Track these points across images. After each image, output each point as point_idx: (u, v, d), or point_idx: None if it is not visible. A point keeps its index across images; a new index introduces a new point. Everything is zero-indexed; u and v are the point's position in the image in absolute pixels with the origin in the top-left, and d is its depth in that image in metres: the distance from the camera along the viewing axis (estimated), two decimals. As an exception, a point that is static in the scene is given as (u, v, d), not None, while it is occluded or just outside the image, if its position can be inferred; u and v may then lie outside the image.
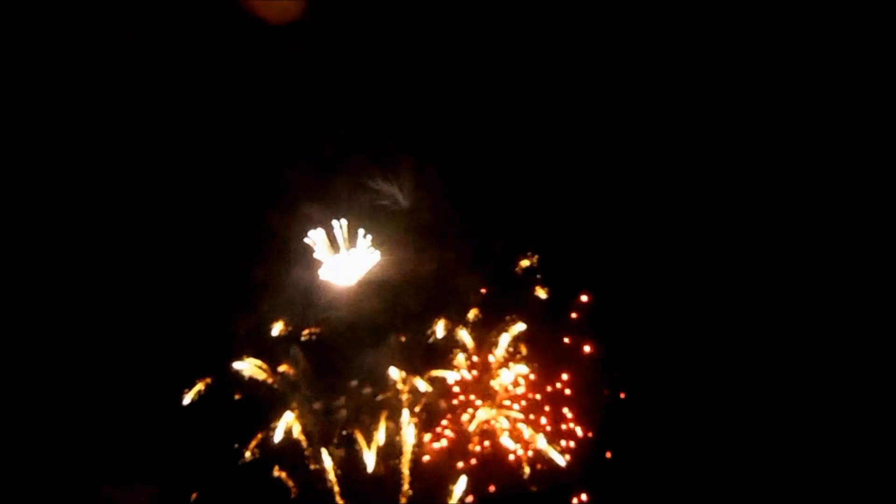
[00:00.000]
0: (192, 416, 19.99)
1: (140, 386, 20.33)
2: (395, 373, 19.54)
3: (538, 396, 20.20)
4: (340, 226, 21.54)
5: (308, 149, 22.27)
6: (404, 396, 19.22)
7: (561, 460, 19.61)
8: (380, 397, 19.58)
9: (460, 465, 19.35)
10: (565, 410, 20.12)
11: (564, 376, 20.41)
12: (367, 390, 19.39)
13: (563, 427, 20.00)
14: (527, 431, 19.76)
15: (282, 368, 19.94)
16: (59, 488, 19.78)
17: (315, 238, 21.44)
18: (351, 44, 23.44)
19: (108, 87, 22.55)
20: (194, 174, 22.00)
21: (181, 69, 22.64)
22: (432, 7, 23.23)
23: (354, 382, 19.27)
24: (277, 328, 20.35)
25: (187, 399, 19.97)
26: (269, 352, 20.04)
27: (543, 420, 19.98)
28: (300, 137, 22.50)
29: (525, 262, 21.23)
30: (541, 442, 19.60)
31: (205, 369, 20.06)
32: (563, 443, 19.80)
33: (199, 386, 19.88)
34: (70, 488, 19.81)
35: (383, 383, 19.40)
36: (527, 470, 19.59)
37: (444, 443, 19.37)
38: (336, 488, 18.96)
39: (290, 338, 20.21)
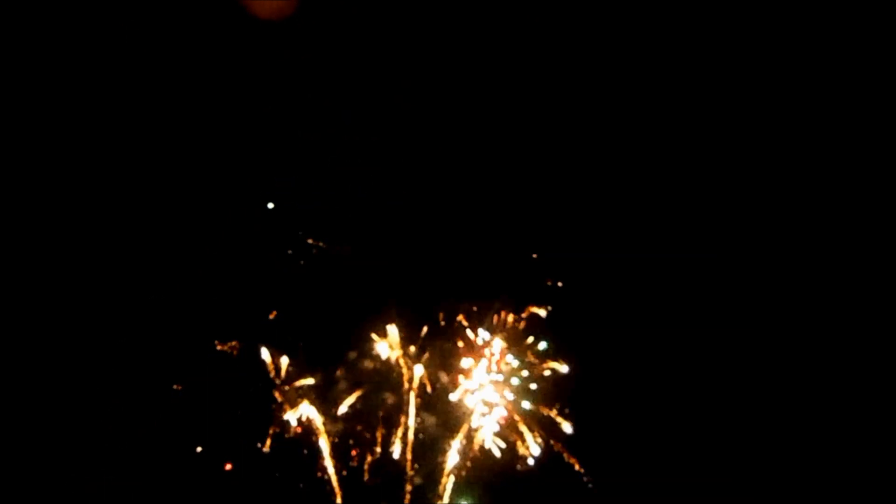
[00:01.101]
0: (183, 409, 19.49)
1: (128, 380, 19.73)
2: (387, 348, 19.11)
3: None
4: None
5: (300, 145, 22.13)
6: (404, 371, 18.90)
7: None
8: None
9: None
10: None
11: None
12: (367, 364, 18.94)
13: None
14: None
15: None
16: (49, 486, 19.25)
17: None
18: (344, 41, 23.50)
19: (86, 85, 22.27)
20: (177, 166, 21.48)
21: (167, 65, 22.48)
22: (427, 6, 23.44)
23: (354, 354, 18.83)
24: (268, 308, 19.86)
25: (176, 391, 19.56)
26: (263, 333, 19.56)
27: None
28: (293, 134, 22.34)
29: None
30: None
31: (191, 364, 19.61)
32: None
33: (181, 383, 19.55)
34: (61, 486, 19.31)
35: (381, 358, 19.05)
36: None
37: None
38: (332, 466, 18.63)
39: (284, 316, 19.75)
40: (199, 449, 19.01)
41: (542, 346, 19.91)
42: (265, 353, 19.33)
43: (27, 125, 21.84)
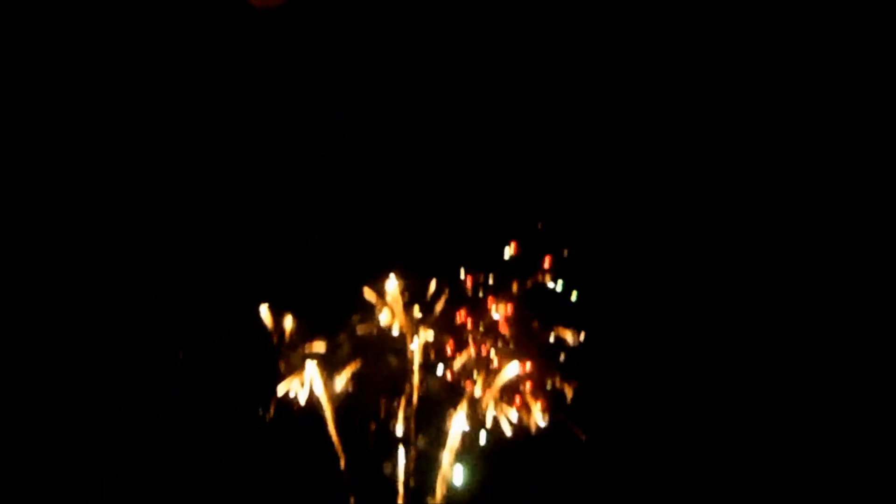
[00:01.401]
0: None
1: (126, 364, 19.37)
2: (389, 313, 18.87)
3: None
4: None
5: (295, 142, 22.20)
6: (407, 336, 18.67)
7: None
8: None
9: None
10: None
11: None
12: (370, 329, 18.80)
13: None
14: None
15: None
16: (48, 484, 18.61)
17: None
18: (339, 33, 23.71)
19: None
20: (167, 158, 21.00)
21: (155, 59, 22.52)
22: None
23: (357, 317, 18.73)
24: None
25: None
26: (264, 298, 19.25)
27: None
28: (283, 130, 22.35)
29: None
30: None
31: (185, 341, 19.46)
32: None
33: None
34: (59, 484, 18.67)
35: (383, 323, 18.79)
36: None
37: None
38: (335, 432, 18.40)
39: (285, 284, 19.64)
40: (199, 420, 18.76)
41: (574, 296, 19.35)
42: (266, 319, 19.01)
43: (19, 122, 22.18)
